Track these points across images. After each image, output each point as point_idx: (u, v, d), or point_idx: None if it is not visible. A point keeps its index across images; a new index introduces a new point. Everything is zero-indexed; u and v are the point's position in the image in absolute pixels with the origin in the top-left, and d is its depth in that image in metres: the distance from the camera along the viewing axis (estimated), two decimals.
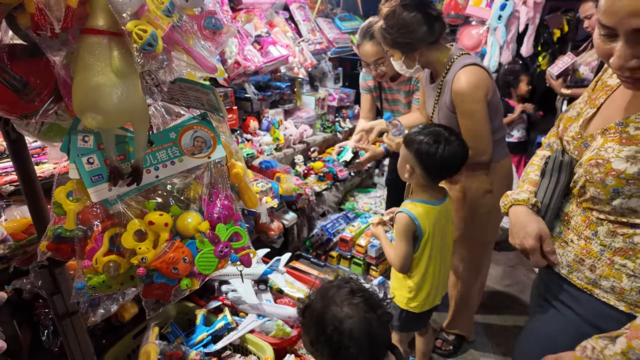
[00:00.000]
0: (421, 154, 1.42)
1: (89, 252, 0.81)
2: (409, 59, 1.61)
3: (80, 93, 0.68)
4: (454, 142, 1.41)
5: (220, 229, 0.85)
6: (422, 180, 1.48)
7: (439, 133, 1.43)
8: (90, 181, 0.79)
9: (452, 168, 1.46)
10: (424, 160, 1.42)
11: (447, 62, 1.58)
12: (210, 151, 0.88)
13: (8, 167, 1.65)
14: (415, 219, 1.44)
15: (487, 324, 2.25)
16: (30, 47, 0.91)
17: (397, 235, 1.49)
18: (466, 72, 1.52)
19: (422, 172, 1.45)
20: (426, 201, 1.48)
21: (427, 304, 1.59)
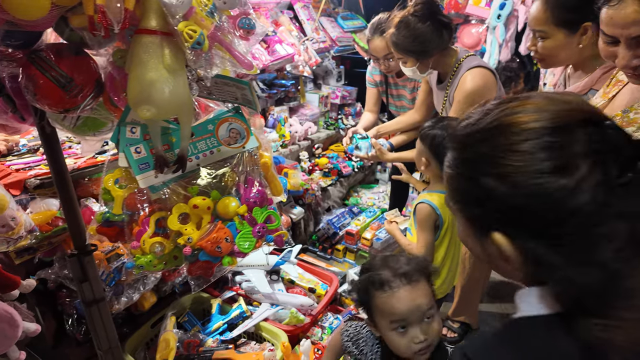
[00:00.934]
0: (435, 146, 1.46)
1: (137, 234, 0.88)
2: (422, 65, 1.68)
3: (135, 87, 0.75)
4: None
5: (257, 211, 0.92)
6: (438, 171, 1.52)
7: (451, 125, 1.47)
8: (138, 169, 0.86)
9: None
10: (439, 153, 1.46)
11: (455, 63, 1.67)
12: (244, 142, 0.95)
13: (31, 162, 1.71)
14: (437, 209, 1.48)
15: (491, 312, 2.34)
16: (74, 46, 0.98)
17: (420, 226, 1.52)
18: (473, 75, 1.60)
19: (437, 163, 1.49)
20: (444, 191, 1.53)
21: (441, 291, 1.64)
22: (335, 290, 2.09)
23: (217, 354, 1.68)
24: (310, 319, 1.89)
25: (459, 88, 1.63)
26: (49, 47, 0.95)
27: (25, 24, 0.76)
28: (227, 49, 0.82)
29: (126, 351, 1.68)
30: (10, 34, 0.84)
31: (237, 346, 1.82)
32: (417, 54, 1.66)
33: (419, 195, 1.61)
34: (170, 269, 0.95)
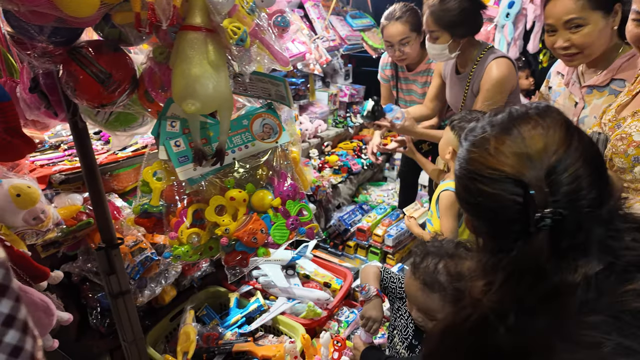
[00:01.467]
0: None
1: (175, 225, 0.91)
2: (455, 43, 1.69)
3: (181, 82, 0.78)
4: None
5: (290, 204, 0.95)
6: None
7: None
8: (177, 162, 0.89)
9: None
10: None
11: (478, 54, 1.70)
12: (277, 137, 0.98)
13: (54, 157, 1.74)
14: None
15: None
16: (113, 43, 1.01)
17: (443, 213, 1.54)
18: (499, 64, 1.64)
19: None
20: None
21: None
22: (349, 285, 2.12)
23: (237, 347, 1.71)
24: (327, 312, 1.92)
25: (486, 76, 1.66)
26: (89, 43, 0.98)
27: (73, 20, 0.79)
28: (266, 45, 0.85)
29: (147, 343, 1.71)
30: (56, 31, 0.87)
31: (255, 339, 1.85)
32: (454, 29, 1.66)
33: (440, 185, 1.62)
34: (204, 259, 0.98)
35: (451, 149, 1.54)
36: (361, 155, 3.35)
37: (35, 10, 0.72)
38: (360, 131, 3.80)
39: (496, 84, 1.64)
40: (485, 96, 1.68)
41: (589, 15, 1.23)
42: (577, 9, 1.24)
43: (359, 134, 3.76)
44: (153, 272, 1.65)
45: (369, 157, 2.61)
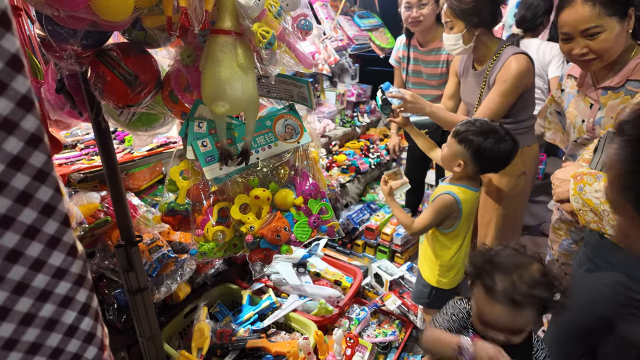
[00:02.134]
0: (482, 151, 1.45)
1: (201, 222, 0.94)
2: (469, 33, 1.69)
3: (211, 84, 0.80)
4: (508, 139, 1.46)
5: (312, 203, 0.97)
6: (471, 173, 1.54)
7: (495, 129, 1.47)
8: (204, 161, 0.91)
9: (507, 163, 1.52)
10: (483, 157, 1.46)
11: (497, 50, 1.73)
12: (298, 137, 1.01)
13: (71, 157, 1.78)
14: (460, 203, 1.52)
15: None
16: (139, 45, 1.04)
17: (433, 209, 1.55)
18: (518, 59, 1.66)
19: (475, 167, 1.50)
20: (471, 187, 1.56)
21: (454, 282, 1.70)
22: (359, 282, 2.15)
23: (250, 343, 1.74)
24: (338, 310, 1.95)
25: (504, 70, 1.67)
26: (116, 45, 1.01)
27: (107, 24, 0.82)
28: (292, 48, 0.87)
29: (162, 340, 1.74)
30: (88, 34, 0.89)
31: (268, 336, 1.88)
32: (468, 17, 1.66)
33: (441, 185, 1.62)
34: (228, 255, 1.00)
35: (461, 162, 1.50)
36: (369, 154, 3.37)
37: (73, 14, 0.75)
38: (367, 130, 3.82)
39: (513, 78, 1.65)
40: (500, 89, 1.69)
41: (605, 22, 1.25)
42: (594, 17, 1.25)
43: (366, 133, 3.78)
44: (169, 269, 1.68)
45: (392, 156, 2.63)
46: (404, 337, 1.98)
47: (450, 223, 1.59)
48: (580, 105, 1.52)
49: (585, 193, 1.08)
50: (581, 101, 1.52)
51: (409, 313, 2.04)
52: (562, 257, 1.81)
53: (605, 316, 1.17)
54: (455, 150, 1.52)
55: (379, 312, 2.12)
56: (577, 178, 1.12)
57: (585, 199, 1.08)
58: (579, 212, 1.11)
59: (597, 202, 1.05)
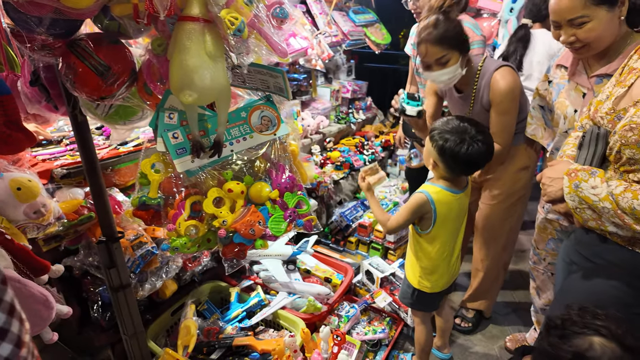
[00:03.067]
0: (444, 151, 1.41)
1: (173, 217, 0.91)
2: (464, 58, 1.65)
3: (178, 73, 0.78)
4: (479, 140, 1.39)
5: (288, 196, 0.95)
6: (445, 173, 1.49)
7: (465, 130, 1.40)
8: (175, 153, 0.89)
9: (475, 166, 1.47)
10: (446, 158, 1.42)
11: (476, 68, 1.70)
12: (275, 129, 0.98)
13: (56, 152, 1.75)
14: (433, 203, 1.46)
15: (503, 302, 2.36)
16: (112, 36, 1.01)
17: (406, 208, 1.51)
18: (502, 74, 1.64)
19: (444, 167, 1.46)
20: (448, 188, 1.50)
21: (437, 287, 1.62)
22: (350, 280, 2.13)
23: (237, 341, 1.71)
24: (327, 307, 1.92)
25: (494, 90, 1.65)
26: (88, 36, 0.98)
27: (70, 11, 0.79)
28: (265, 37, 0.84)
29: (148, 337, 1.72)
30: (54, 23, 0.87)
31: (256, 333, 1.86)
32: (461, 44, 1.64)
33: (424, 184, 1.57)
34: (202, 251, 0.98)
35: (432, 161, 1.48)
36: (363, 151, 3.34)
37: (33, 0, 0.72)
38: (362, 127, 3.79)
39: (507, 95, 1.64)
40: (499, 109, 1.68)
41: (592, 11, 1.22)
42: (580, 7, 1.22)
43: (361, 130, 3.75)
44: (154, 266, 1.66)
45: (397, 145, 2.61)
46: (395, 334, 1.96)
47: (427, 224, 1.53)
48: (572, 94, 1.49)
49: (582, 190, 1.03)
50: (572, 90, 1.49)
51: (400, 310, 2.01)
52: (549, 257, 1.79)
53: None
54: (428, 147, 1.49)
55: (369, 309, 2.10)
56: (571, 175, 1.07)
57: (582, 197, 1.03)
58: (575, 211, 1.07)
59: (595, 198, 1.01)
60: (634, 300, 1.06)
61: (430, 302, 1.72)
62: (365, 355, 1.84)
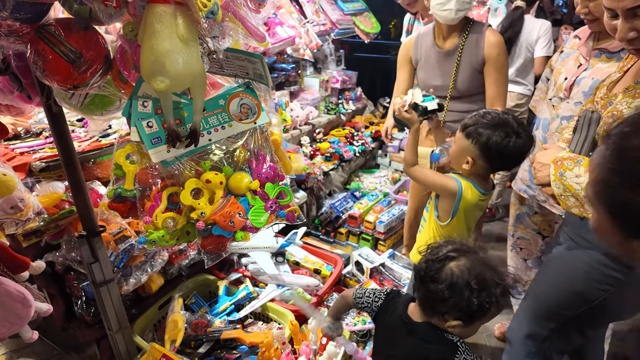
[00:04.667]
0: (489, 147, 1.30)
1: (149, 209, 0.88)
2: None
3: (149, 58, 0.74)
4: (522, 131, 1.31)
5: (269, 187, 0.92)
6: (481, 171, 1.39)
7: (506, 122, 1.31)
8: (150, 143, 0.85)
9: (520, 160, 1.38)
10: (492, 154, 1.32)
11: (465, 26, 1.71)
12: (255, 117, 0.95)
13: (35, 145, 1.70)
14: (460, 193, 1.37)
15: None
16: (83, 21, 0.97)
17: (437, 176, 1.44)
18: (494, 32, 1.69)
19: (484, 164, 1.35)
20: (477, 186, 1.40)
21: None
22: (340, 271, 2.11)
23: (225, 334, 1.69)
24: (316, 299, 1.91)
25: (490, 42, 1.69)
26: (57, 21, 0.94)
27: None
28: (240, 20, 0.81)
29: (134, 332, 1.69)
30: (18, 7, 0.82)
31: (245, 326, 1.84)
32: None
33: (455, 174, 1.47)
34: (182, 244, 0.95)
35: (469, 159, 1.36)
36: (353, 142, 3.32)
37: None
38: (352, 118, 3.76)
39: (503, 47, 1.70)
40: (498, 63, 1.70)
41: None
42: None
43: (351, 120, 3.72)
44: (138, 260, 1.63)
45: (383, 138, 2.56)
46: None
47: (447, 211, 1.44)
48: (570, 64, 1.52)
49: (565, 179, 1.05)
50: (572, 60, 1.51)
51: None
52: (519, 231, 1.86)
53: (580, 292, 1.17)
54: (463, 145, 1.37)
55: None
56: (557, 163, 1.09)
57: (566, 185, 1.05)
58: (560, 198, 1.09)
59: (577, 187, 1.02)
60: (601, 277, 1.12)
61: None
62: None
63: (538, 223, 1.78)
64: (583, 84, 1.44)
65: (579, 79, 1.45)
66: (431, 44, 1.82)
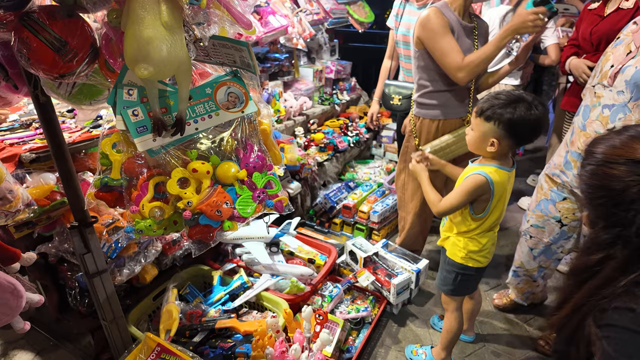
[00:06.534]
0: (513, 123, 1.34)
1: (136, 198, 0.88)
2: None
3: (132, 45, 0.73)
4: (538, 104, 1.35)
5: (256, 177, 0.92)
6: (506, 148, 1.41)
7: (521, 97, 1.35)
8: (135, 132, 0.85)
9: (540, 131, 1.39)
10: (518, 129, 1.35)
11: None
12: (243, 106, 0.94)
13: (24, 136, 1.69)
14: (492, 184, 1.40)
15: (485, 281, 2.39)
16: (67, 8, 0.95)
17: (463, 190, 1.44)
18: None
19: (510, 142, 1.38)
20: (502, 167, 1.43)
21: (486, 261, 1.58)
22: (334, 260, 2.12)
23: (219, 323, 1.71)
24: (310, 288, 1.92)
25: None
26: (41, 9, 0.92)
27: None
28: (226, 6, 0.80)
29: (129, 322, 1.70)
30: None
31: (239, 316, 1.85)
32: None
33: (471, 166, 1.51)
34: (171, 233, 0.95)
35: (494, 141, 1.38)
36: (347, 132, 3.31)
37: None
38: (347, 108, 3.75)
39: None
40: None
41: None
42: None
43: (346, 111, 3.71)
44: (131, 251, 1.63)
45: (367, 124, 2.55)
46: (378, 312, 1.97)
47: (482, 207, 1.47)
48: (620, 50, 1.45)
49: None
50: (623, 47, 1.45)
51: (383, 289, 2.02)
52: (534, 218, 1.85)
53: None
54: (485, 129, 1.39)
55: (353, 288, 2.11)
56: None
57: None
58: None
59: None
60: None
61: (472, 282, 1.67)
62: (348, 333, 1.85)
63: (562, 210, 1.76)
64: (627, 73, 1.39)
65: (625, 67, 1.40)
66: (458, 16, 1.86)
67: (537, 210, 1.84)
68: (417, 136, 2.02)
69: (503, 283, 2.37)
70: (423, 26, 1.79)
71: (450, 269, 1.62)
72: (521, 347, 1.93)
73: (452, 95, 1.89)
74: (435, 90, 1.90)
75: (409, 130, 2.08)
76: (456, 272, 1.60)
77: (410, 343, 1.91)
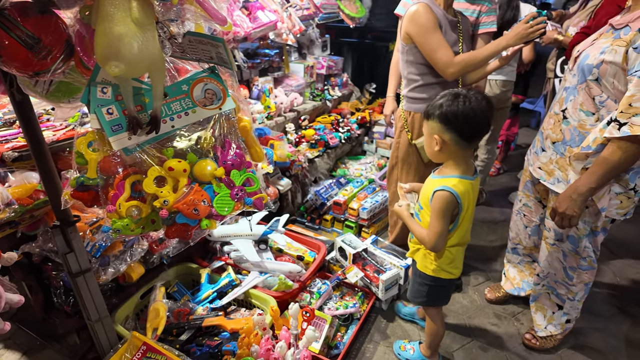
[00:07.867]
0: (446, 116, 1.32)
1: (112, 197, 0.87)
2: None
3: (103, 42, 0.72)
4: (475, 95, 1.33)
5: (235, 174, 0.91)
6: (455, 147, 1.36)
7: (458, 92, 1.35)
8: (110, 130, 0.84)
9: (481, 122, 1.34)
10: (454, 123, 1.32)
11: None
12: (220, 103, 0.93)
13: (8, 134, 1.67)
14: (458, 197, 1.36)
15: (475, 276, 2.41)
16: (40, 5, 0.94)
17: (437, 214, 1.38)
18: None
19: (452, 135, 1.34)
20: (464, 176, 1.39)
21: (458, 272, 1.55)
22: (323, 257, 2.12)
23: (207, 321, 1.70)
24: (299, 285, 1.92)
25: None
26: (13, 5, 0.91)
27: None
28: (199, 2, 0.79)
29: (116, 321, 1.69)
30: None
31: (227, 313, 1.85)
32: None
33: (431, 180, 1.46)
34: (147, 232, 0.94)
35: (437, 137, 1.36)
36: (339, 128, 3.30)
37: None
38: (338, 104, 3.74)
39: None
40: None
41: None
42: None
43: (337, 107, 3.70)
44: (117, 249, 1.62)
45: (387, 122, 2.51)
46: (366, 308, 1.98)
47: (451, 220, 1.43)
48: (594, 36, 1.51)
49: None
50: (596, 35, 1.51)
51: (372, 285, 2.03)
52: (525, 198, 1.91)
53: None
54: (428, 129, 1.39)
55: (342, 285, 2.11)
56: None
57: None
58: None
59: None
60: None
61: (445, 293, 1.64)
62: (337, 329, 1.85)
63: (540, 192, 1.83)
64: (582, 57, 1.43)
65: (582, 52, 1.45)
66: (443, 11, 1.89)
67: (525, 190, 1.92)
68: (409, 131, 2.02)
69: (493, 277, 2.38)
70: (413, 21, 1.79)
71: (422, 281, 1.58)
72: (509, 342, 1.94)
73: (442, 88, 1.88)
74: (426, 84, 1.91)
75: (400, 126, 2.07)
76: (428, 285, 1.57)
77: (398, 339, 1.92)
